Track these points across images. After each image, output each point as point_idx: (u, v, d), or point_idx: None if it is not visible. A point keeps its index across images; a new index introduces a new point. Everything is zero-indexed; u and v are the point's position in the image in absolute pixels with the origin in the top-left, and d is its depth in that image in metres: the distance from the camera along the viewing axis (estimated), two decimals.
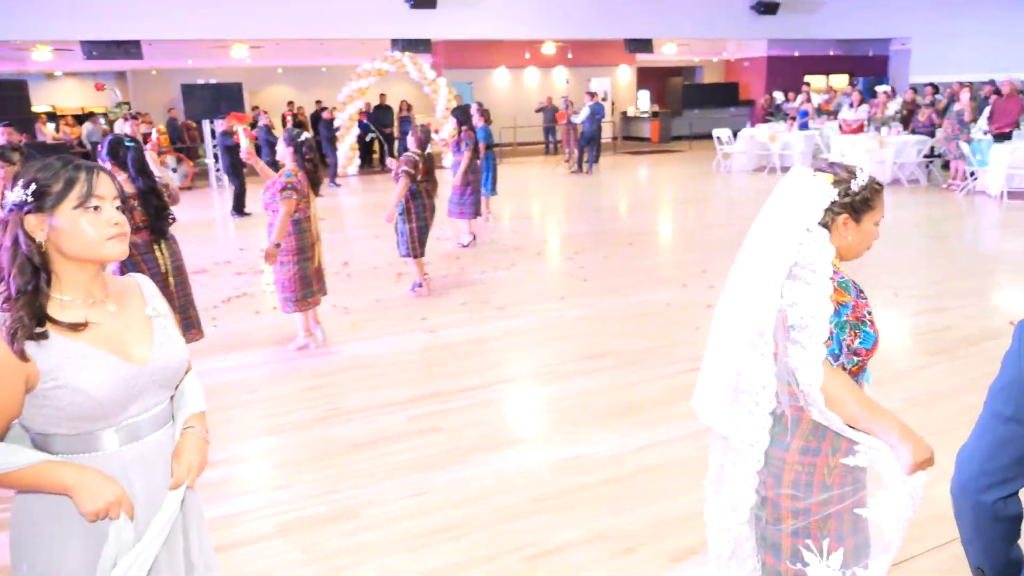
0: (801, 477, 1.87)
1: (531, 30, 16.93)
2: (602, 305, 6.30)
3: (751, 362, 1.81)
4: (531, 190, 13.56)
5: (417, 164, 6.40)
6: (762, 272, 1.80)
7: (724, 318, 1.89)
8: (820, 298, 1.75)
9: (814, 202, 1.80)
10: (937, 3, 18.65)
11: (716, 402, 1.91)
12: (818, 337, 1.74)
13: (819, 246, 1.78)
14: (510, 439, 3.96)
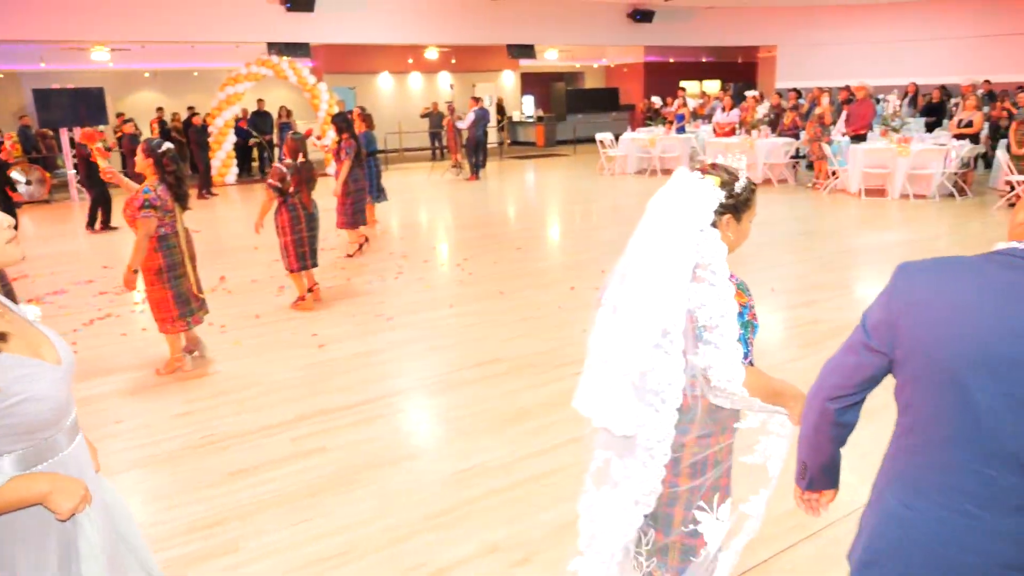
0: (698, 459, 1.97)
1: (413, 35, 16.79)
2: (492, 311, 6.26)
3: (657, 362, 1.83)
4: (418, 197, 13.41)
5: (286, 177, 6.13)
6: (663, 273, 1.82)
7: (621, 320, 1.87)
8: (726, 298, 1.83)
9: (705, 204, 1.86)
10: (799, 15, 19.85)
11: (615, 403, 1.89)
12: (730, 336, 1.82)
13: (714, 246, 1.85)
14: (400, 455, 3.84)
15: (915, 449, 1.46)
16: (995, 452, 1.33)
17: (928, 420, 1.42)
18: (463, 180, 15.05)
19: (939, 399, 1.39)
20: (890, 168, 11.21)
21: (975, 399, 1.34)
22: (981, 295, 1.37)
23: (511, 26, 17.38)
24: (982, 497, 1.36)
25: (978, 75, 15.61)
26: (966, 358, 1.35)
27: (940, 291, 1.42)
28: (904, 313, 1.44)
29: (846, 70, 18.89)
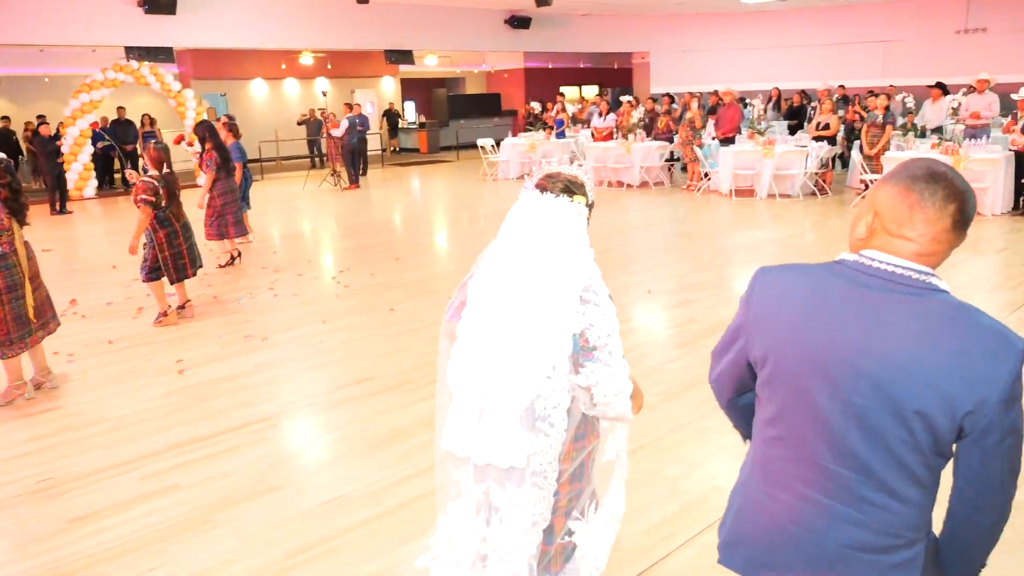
0: (575, 463, 1.97)
1: (284, 40, 16.20)
2: (368, 325, 6.04)
3: (546, 388, 1.80)
4: (295, 207, 12.92)
5: (158, 190, 5.79)
6: (558, 305, 1.77)
7: (510, 355, 1.78)
8: (610, 317, 1.85)
9: (582, 227, 1.85)
10: (668, 23, 20.55)
11: (502, 438, 1.81)
12: (617, 352, 1.85)
13: (593, 266, 1.85)
14: (260, 489, 3.57)
15: (775, 442, 1.57)
16: (841, 451, 1.45)
17: (784, 417, 1.53)
18: (342, 189, 14.64)
19: (791, 401, 1.50)
20: (757, 169, 11.72)
21: (819, 404, 1.45)
22: (821, 307, 1.46)
23: (388, 31, 17.09)
24: (830, 488, 1.49)
25: (833, 80, 16.63)
26: (808, 366, 1.46)
27: (786, 300, 1.52)
28: (757, 318, 1.56)
29: (715, 76, 19.70)
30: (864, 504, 1.47)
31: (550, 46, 20.04)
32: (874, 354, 1.39)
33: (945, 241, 1.42)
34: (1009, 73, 14.90)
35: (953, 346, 1.36)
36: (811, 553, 1.54)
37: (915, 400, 1.36)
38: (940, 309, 1.39)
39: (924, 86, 13.40)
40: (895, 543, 1.47)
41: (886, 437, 1.40)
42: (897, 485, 1.44)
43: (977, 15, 17.13)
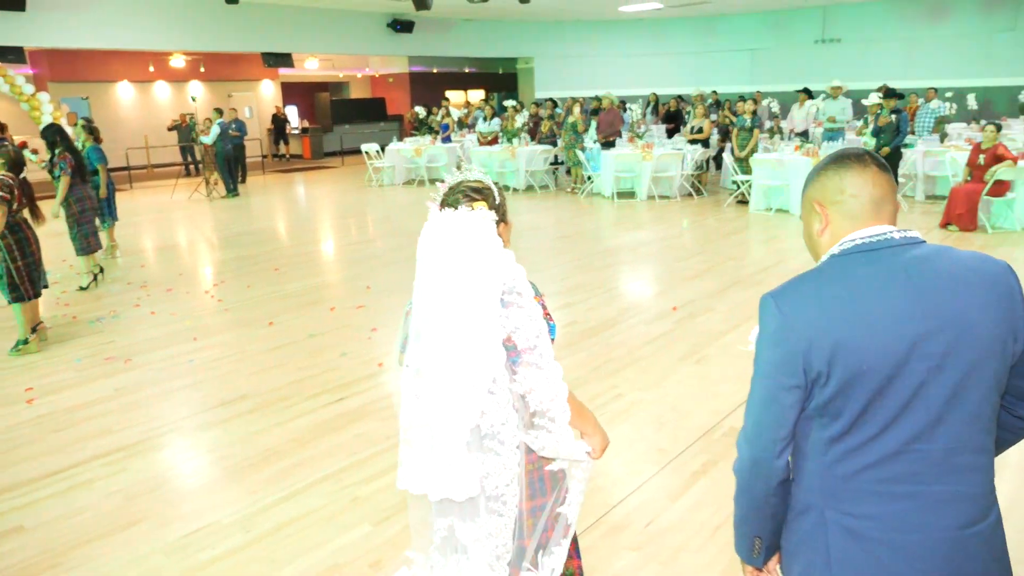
0: (533, 477, 1.90)
1: (149, 40, 15.32)
2: (241, 341, 5.76)
3: (489, 405, 1.77)
4: (166, 218, 12.25)
5: (13, 189, 5.31)
6: (482, 319, 1.73)
7: (445, 381, 1.74)
8: (536, 317, 1.80)
9: (491, 232, 1.80)
10: (551, 29, 20.88)
11: (460, 469, 1.77)
12: (548, 355, 1.79)
13: (514, 268, 1.80)
14: (117, 525, 3.31)
15: (849, 456, 1.44)
16: (927, 427, 1.39)
17: (864, 419, 1.42)
18: (218, 198, 14.00)
19: (871, 398, 1.40)
20: (637, 172, 12.06)
21: (898, 388, 1.39)
22: (855, 297, 1.42)
23: (264, 33, 16.50)
24: (924, 473, 1.40)
25: (707, 86, 17.37)
26: (875, 357, 1.38)
27: (817, 306, 1.44)
28: (800, 337, 1.43)
29: (596, 81, 20.20)
30: (961, 473, 1.42)
31: (434, 50, 19.96)
32: (928, 316, 1.39)
33: (889, 194, 1.50)
34: (861, 80, 16.03)
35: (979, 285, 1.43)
36: (926, 553, 1.42)
37: (981, 342, 1.40)
38: (945, 256, 1.46)
39: (787, 91, 14.20)
40: (989, 502, 1.45)
41: (967, 391, 1.40)
42: (981, 438, 1.44)
43: (832, 26, 18.33)
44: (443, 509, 1.88)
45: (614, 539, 3.08)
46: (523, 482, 1.89)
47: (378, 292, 7.05)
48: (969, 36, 16.68)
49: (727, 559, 2.89)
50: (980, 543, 1.42)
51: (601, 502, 3.36)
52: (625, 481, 3.51)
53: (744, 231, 9.66)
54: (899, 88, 12.94)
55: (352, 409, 4.43)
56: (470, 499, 1.83)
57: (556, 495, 1.95)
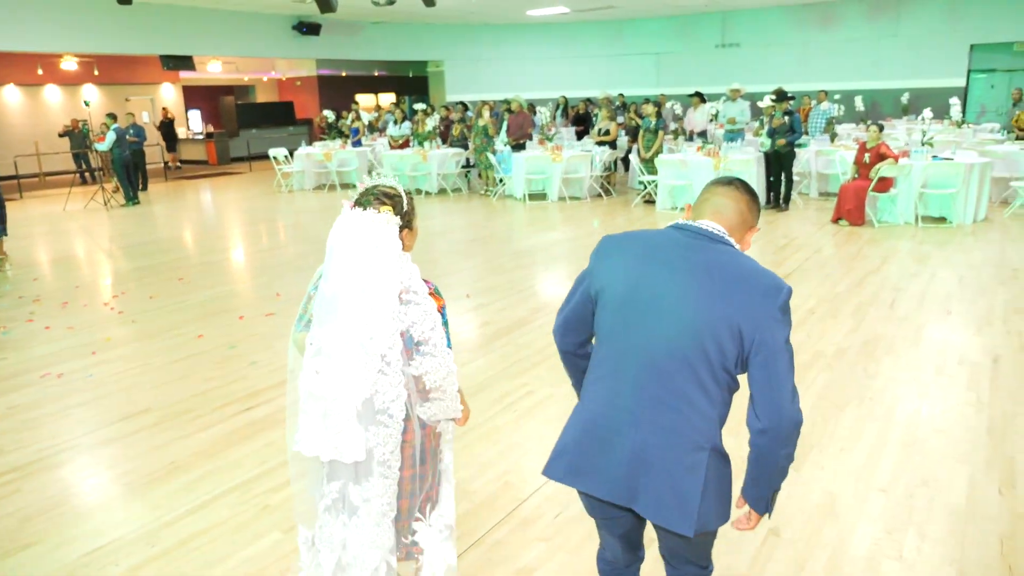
0: (416, 451, 2.21)
1: (36, 41, 14.53)
2: (144, 353, 5.58)
3: (382, 383, 2.03)
4: (61, 228, 11.66)
5: None
6: (376, 306, 2.00)
7: (341, 358, 2.00)
8: (430, 312, 2.09)
9: (392, 234, 2.05)
10: (460, 32, 20.94)
11: (343, 435, 2.03)
12: (441, 344, 2.10)
13: (411, 269, 2.08)
14: (12, 547, 3.17)
15: (598, 365, 1.94)
16: (644, 361, 1.83)
17: (608, 340, 1.92)
18: (116, 207, 13.42)
19: (615, 326, 1.89)
20: (548, 173, 12.26)
21: (635, 327, 1.85)
22: (643, 253, 1.91)
23: (161, 35, 15.92)
24: (638, 399, 1.83)
25: (614, 89, 17.81)
26: (629, 297, 1.87)
27: (618, 249, 1.97)
28: (597, 263, 1.98)
29: (506, 84, 20.39)
30: (664, 409, 1.80)
31: (342, 53, 19.70)
32: (680, 287, 1.80)
33: (734, 212, 1.94)
34: (758, 83, 16.76)
35: (734, 277, 1.80)
36: (617, 455, 1.84)
37: (711, 323, 1.76)
38: (727, 257, 1.84)
39: (690, 94, 14.72)
40: (686, 447, 1.80)
41: (683, 345, 1.79)
42: (692, 393, 1.79)
43: (732, 31, 19.10)
44: (334, 473, 2.14)
45: (524, 531, 3.16)
46: (404, 455, 2.18)
47: (288, 299, 6.94)
48: (856, 42, 17.69)
49: None
50: (665, 472, 1.81)
51: (512, 497, 3.44)
52: (536, 476, 3.59)
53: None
54: (793, 90, 13.60)
55: (261, 418, 4.37)
56: (364, 464, 2.09)
57: (433, 461, 2.31)
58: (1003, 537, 3.01)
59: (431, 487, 2.31)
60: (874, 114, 16.44)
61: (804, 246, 8.52)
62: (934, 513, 3.19)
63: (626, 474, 1.83)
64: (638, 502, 1.82)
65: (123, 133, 13.41)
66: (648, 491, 1.80)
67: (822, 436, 3.91)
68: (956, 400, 4.32)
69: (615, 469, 1.84)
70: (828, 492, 3.38)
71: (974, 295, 6.37)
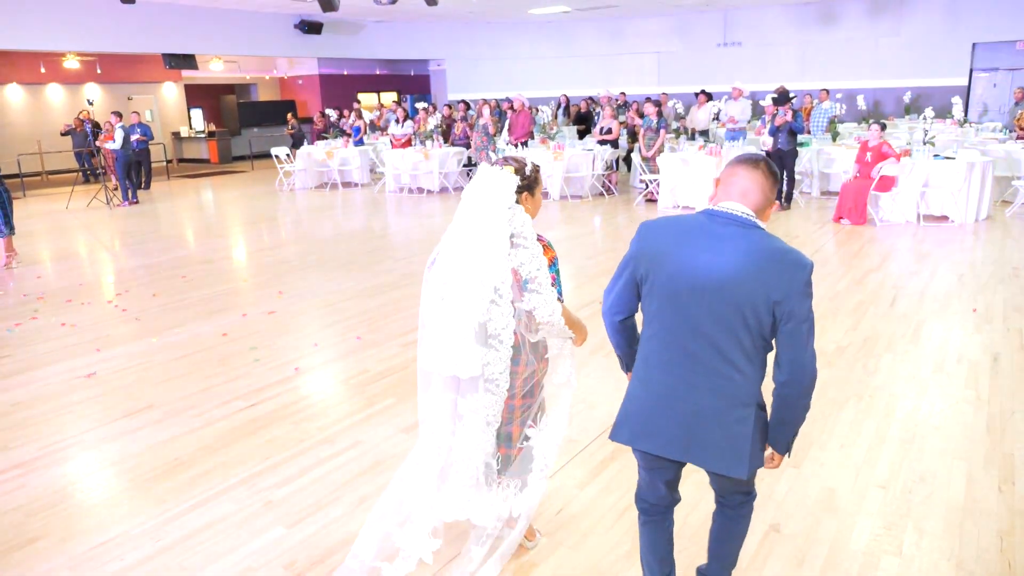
0: (528, 381, 2.66)
1: (39, 41, 14.56)
2: (147, 351, 5.61)
3: (495, 312, 2.44)
4: (65, 227, 11.70)
5: None
6: (488, 245, 2.39)
7: (460, 287, 2.43)
8: (538, 256, 2.47)
9: (508, 187, 2.47)
10: (461, 31, 20.95)
11: (461, 353, 2.46)
12: (546, 283, 2.46)
13: (522, 218, 2.46)
14: (16, 542, 3.19)
15: (651, 339, 2.19)
16: (695, 335, 2.10)
17: (658, 317, 2.16)
18: (115, 205, 13.42)
19: (664, 304, 2.14)
20: (550, 173, 12.27)
21: (683, 303, 2.10)
22: (685, 237, 2.13)
23: (164, 34, 15.95)
24: (690, 365, 2.12)
25: (615, 88, 17.81)
26: (676, 276, 2.11)
27: (661, 233, 2.19)
28: (641, 247, 2.20)
29: (508, 83, 20.40)
30: (714, 375, 2.10)
31: (343, 52, 19.72)
32: (720, 269, 2.04)
33: (759, 191, 2.13)
34: (760, 82, 16.77)
35: (766, 256, 2.04)
36: (677, 418, 2.14)
37: (751, 299, 2.02)
38: (757, 237, 2.07)
39: (691, 93, 14.72)
40: (735, 405, 2.11)
41: (727, 317, 2.05)
42: (737, 359, 2.08)
43: (733, 31, 19.09)
44: (449, 387, 2.59)
45: None
46: (515, 383, 2.63)
47: (290, 297, 6.97)
48: (858, 41, 17.68)
49: (631, 540, 3.04)
50: (720, 425, 2.11)
51: None
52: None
53: None
54: (795, 89, 13.61)
55: (264, 414, 4.39)
56: (475, 379, 2.52)
57: (541, 394, 2.76)
58: (1002, 533, 3.03)
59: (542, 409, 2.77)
60: (876, 113, 16.44)
61: (806, 244, 8.54)
62: (933, 509, 3.21)
63: (684, 433, 2.14)
64: (695, 456, 2.15)
65: (129, 131, 13.42)
66: (705, 445, 2.12)
67: (822, 432, 3.93)
68: (955, 397, 4.34)
69: (674, 429, 2.15)
70: (827, 488, 3.40)
71: (974, 293, 6.38)
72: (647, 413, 2.19)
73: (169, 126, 21.40)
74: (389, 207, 12.60)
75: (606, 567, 2.89)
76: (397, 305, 6.61)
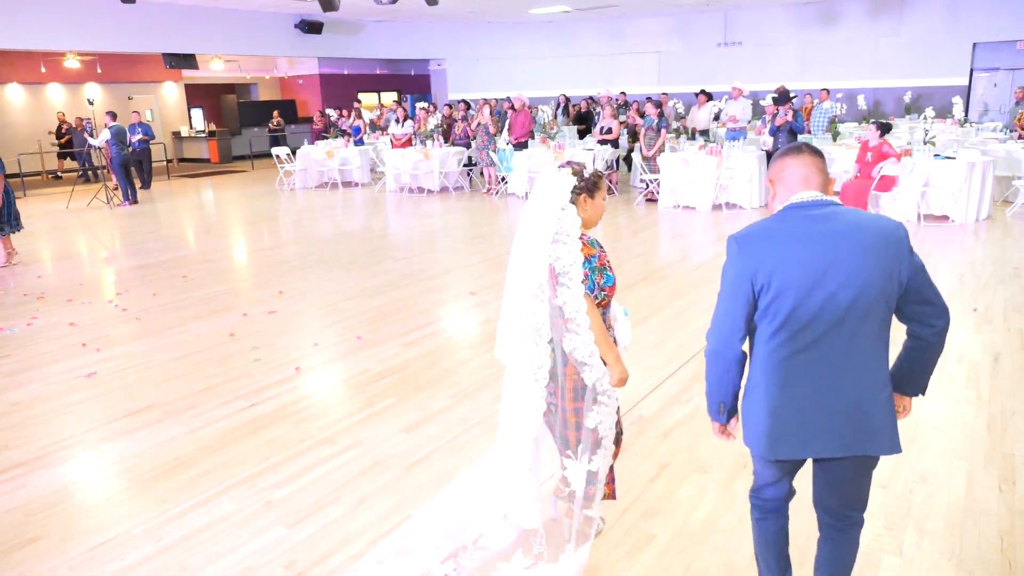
0: (577, 384, 2.69)
1: (39, 40, 14.56)
2: (148, 350, 5.61)
3: (537, 307, 2.60)
4: (64, 226, 11.70)
5: None
6: (535, 241, 2.57)
7: (513, 281, 2.64)
8: (573, 252, 2.57)
9: (564, 188, 2.60)
10: (461, 31, 20.95)
11: (512, 344, 2.65)
12: (577, 279, 2.56)
13: (569, 217, 2.60)
14: (16, 542, 3.19)
15: (782, 346, 2.11)
16: (836, 326, 2.07)
17: (792, 317, 2.07)
18: (115, 206, 13.41)
19: (797, 304, 2.06)
20: None
21: (815, 297, 2.05)
22: (793, 236, 2.10)
23: (164, 34, 15.94)
24: (834, 358, 2.09)
25: (615, 87, 17.80)
26: (802, 276, 2.05)
27: (766, 239, 2.13)
28: (750, 260, 2.11)
29: (508, 83, 20.40)
30: (861, 365, 2.10)
31: (344, 52, 19.71)
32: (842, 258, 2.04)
33: (814, 171, 2.17)
34: (760, 82, 16.77)
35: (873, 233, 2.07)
36: (837, 413, 2.10)
37: (882, 277, 2.04)
38: (850, 215, 2.11)
39: (691, 93, 14.72)
40: (882, 386, 2.13)
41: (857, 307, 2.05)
42: (877, 345, 2.11)
43: (733, 30, 19.08)
44: (509, 375, 2.77)
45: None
46: (567, 387, 2.70)
47: (291, 297, 6.97)
48: (858, 40, 17.67)
49: (632, 540, 3.03)
50: (876, 404, 2.11)
51: None
52: None
53: (653, 227, 9.99)
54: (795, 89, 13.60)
55: (265, 414, 4.39)
56: (521, 371, 2.69)
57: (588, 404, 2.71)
58: (1002, 533, 3.03)
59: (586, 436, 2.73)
60: (877, 113, 16.43)
61: None
62: (933, 509, 3.21)
63: (847, 427, 2.11)
64: (862, 446, 2.12)
65: (119, 131, 13.38)
66: (869, 433, 2.11)
67: None
68: (956, 397, 4.34)
69: (836, 427, 2.11)
70: None
71: (974, 293, 6.38)
72: (807, 419, 2.13)
73: (169, 126, 21.40)
74: (389, 207, 12.60)
75: (606, 567, 2.89)
76: (397, 305, 6.61)
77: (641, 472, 3.58)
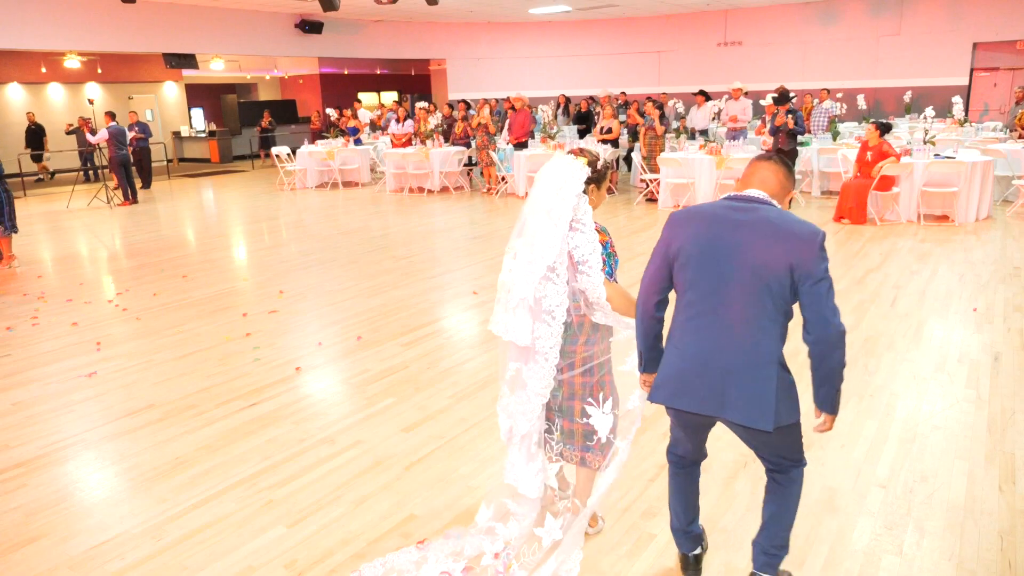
0: (588, 361, 2.81)
1: (40, 40, 14.56)
2: (148, 350, 5.61)
3: (549, 289, 2.63)
4: (65, 226, 11.71)
5: None
6: (551, 227, 2.58)
7: (520, 262, 2.63)
8: (592, 240, 2.65)
9: (580, 177, 2.63)
10: (462, 30, 20.95)
11: (519, 323, 2.67)
12: (596, 266, 2.63)
13: (585, 206, 2.65)
14: (17, 541, 3.19)
15: (686, 308, 2.38)
16: (725, 301, 2.30)
17: (693, 286, 2.35)
18: (115, 205, 13.41)
19: (698, 274, 2.34)
20: None
21: (715, 272, 2.31)
22: (712, 218, 2.37)
23: (165, 34, 15.94)
24: (720, 328, 2.31)
25: (615, 87, 17.81)
26: (708, 251, 2.32)
27: (690, 217, 2.41)
28: (673, 231, 2.41)
29: (508, 83, 20.40)
30: (742, 338, 2.29)
31: (344, 52, 19.71)
32: (744, 241, 2.26)
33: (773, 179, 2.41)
34: (760, 82, 16.76)
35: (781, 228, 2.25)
36: (710, 377, 2.32)
37: (772, 265, 2.23)
38: (771, 213, 2.31)
39: (691, 93, 14.71)
40: (760, 363, 2.28)
41: (755, 285, 2.25)
42: (762, 323, 2.27)
43: (733, 30, 19.09)
44: (515, 355, 2.78)
45: None
46: (575, 359, 2.80)
47: (291, 297, 6.97)
48: (858, 40, 17.67)
49: (632, 540, 3.04)
50: (746, 381, 2.29)
51: None
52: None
53: (652, 227, 9.98)
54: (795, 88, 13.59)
55: (265, 414, 4.39)
56: (529, 350, 2.73)
57: (600, 372, 2.85)
58: (1002, 533, 3.03)
59: (603, 389, 2.85)
60: (877, 113, 16.44)
61: None
62: (933, 509, 3.21)
63: (717, 391, 2.31)
64: (726, 411, 2.31)
65: (119, 131, 13.39)
66: (736, 401, 2.29)
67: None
68: (956, 397, 4.34)
69: (708, 388, 2.33)
70: (828, 487, 3.40)
71: (974, 293, 6.38)
72: (683, 375, 2.38)
73: (170, 125, 21.40)
74: (389, 207, 12.60)
75: (606, 567, 2.89)
76: (397, 305, 6.61)
77: (641, 472, 3.58)
